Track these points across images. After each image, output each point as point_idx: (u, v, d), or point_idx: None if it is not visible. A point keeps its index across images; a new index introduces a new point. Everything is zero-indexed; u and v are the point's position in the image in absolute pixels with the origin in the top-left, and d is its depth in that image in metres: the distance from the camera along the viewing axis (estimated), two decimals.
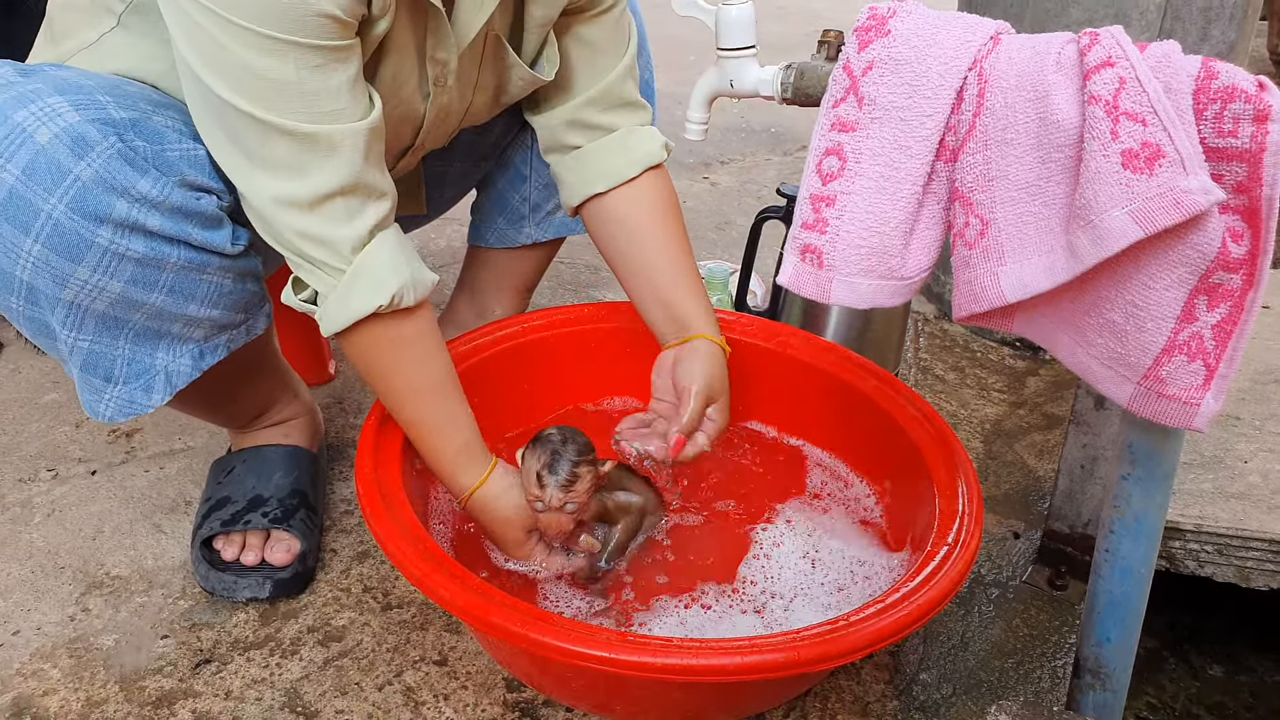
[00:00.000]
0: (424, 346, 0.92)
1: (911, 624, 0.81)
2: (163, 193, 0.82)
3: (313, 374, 1.40)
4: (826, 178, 0.74)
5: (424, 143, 1.02)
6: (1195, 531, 1.08)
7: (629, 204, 1.06)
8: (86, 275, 0.82)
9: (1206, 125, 0.61)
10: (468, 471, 0.95)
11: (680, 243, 1.07)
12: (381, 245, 0.87)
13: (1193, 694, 1.24)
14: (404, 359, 0.91)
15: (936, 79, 0.71)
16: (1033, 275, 0.69)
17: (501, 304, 1.34)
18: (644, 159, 1.06)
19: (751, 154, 2.34)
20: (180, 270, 0.86)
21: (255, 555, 1.06)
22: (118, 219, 0.81)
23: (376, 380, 0.93)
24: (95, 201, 0.80)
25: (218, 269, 0.89)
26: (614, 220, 1.07)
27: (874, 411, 1.09)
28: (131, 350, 0.90)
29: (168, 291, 0.87)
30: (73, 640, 1.00)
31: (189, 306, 0.89)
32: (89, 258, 0.82)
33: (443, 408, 0.94)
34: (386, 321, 0.89)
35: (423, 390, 0.93)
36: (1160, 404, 0.68)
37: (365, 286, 0.86)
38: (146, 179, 0.82)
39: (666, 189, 1.08)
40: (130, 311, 0.87)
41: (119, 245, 0.82)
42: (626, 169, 1.05)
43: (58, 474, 1.23)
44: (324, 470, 1.21)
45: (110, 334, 0.89)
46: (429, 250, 1.84)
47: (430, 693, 0.95)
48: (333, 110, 0.80)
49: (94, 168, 0.80)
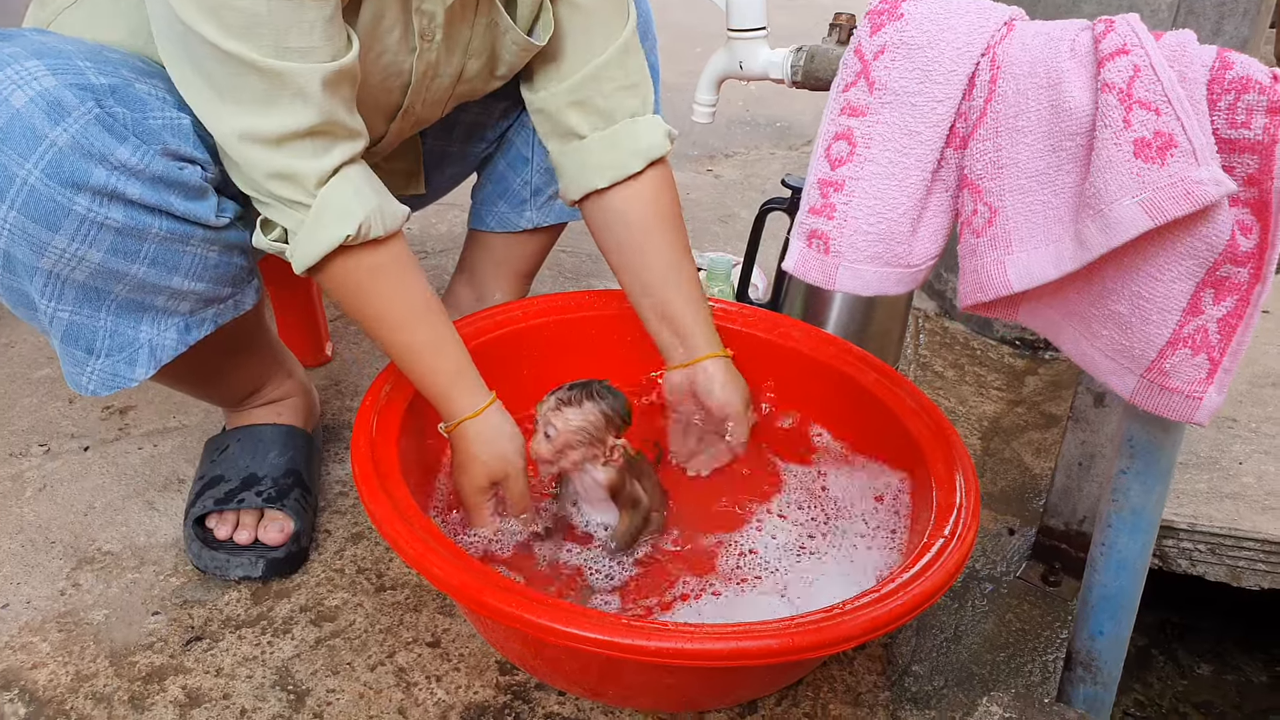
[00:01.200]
0: (400, 273, 0.92)
1: (906, 614, 0.81)
2: (143, 161, 0.81)
3: (309, 355, 1.39)
4: (835, 162, 0.74)
5: (414, 106, 1.00)
6: (1189, 530, 1.09)
7: (630, 202, 1.05)
8: (64, 244, 0.81)
9: (1219, 116, 0.61)
10: (466, 397, 0.95)
11: (680, 247, 1.07)
12: (346, 178, 0.86)
13: (1180, 692, 1.25)
14: (382, 287, 0.91)
15: (949, 64, 0.70)
16: (1040, 264, 0.68)
17: (501, 289, 1.33)
18: (647, 151, 1.05)
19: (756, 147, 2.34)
20: (162, 241, 0.85)
21: (248, 534, 1.05)
22: (96, 186, 0.80)
23: (359, 312, 0.93)
24: (72, 168, 0.78)
25: (202, 241, 0.88)
26: (614, 218, 1.06)
27: (873, 404, 1.09)
28: (114, 322, 0.89)
29: (150, 263, 0.85)
30: (63, 614, 0.99)
31: (173, 279, 0.88)
32: (66, 226, 0.80)
33: (431, 332, 0.94)
34: (358, 253, 0.88)
35: (408, 315, 0.93)
36: (1163, 397, 0.68)
37: (331, 218, 0.86)
38: (126, 146, 0.80)
39: (668, 187, 1.08)
40: (111, 282, 0.86)
41: (97, 214, 0.81)
42: (629, 162, 1.04)
43: (50, 449, 1.22)
44: (319, 450, 1.20)
45: (91, 305, 0.87)
46: (429, 235, 1.83)
47: (422, 674, 0.95)
48: (302, 47, 0.79)
49: (70, 133, 0.78)
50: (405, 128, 1.04)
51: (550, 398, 0.96)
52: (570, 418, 0.94)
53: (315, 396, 1.21)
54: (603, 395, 0.96)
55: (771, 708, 0.94)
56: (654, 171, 1.06)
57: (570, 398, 0.95)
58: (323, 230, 0.86)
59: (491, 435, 0.95)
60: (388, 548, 1.10)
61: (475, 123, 1.22)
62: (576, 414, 0.94)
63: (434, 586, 1.02)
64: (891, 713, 0.95)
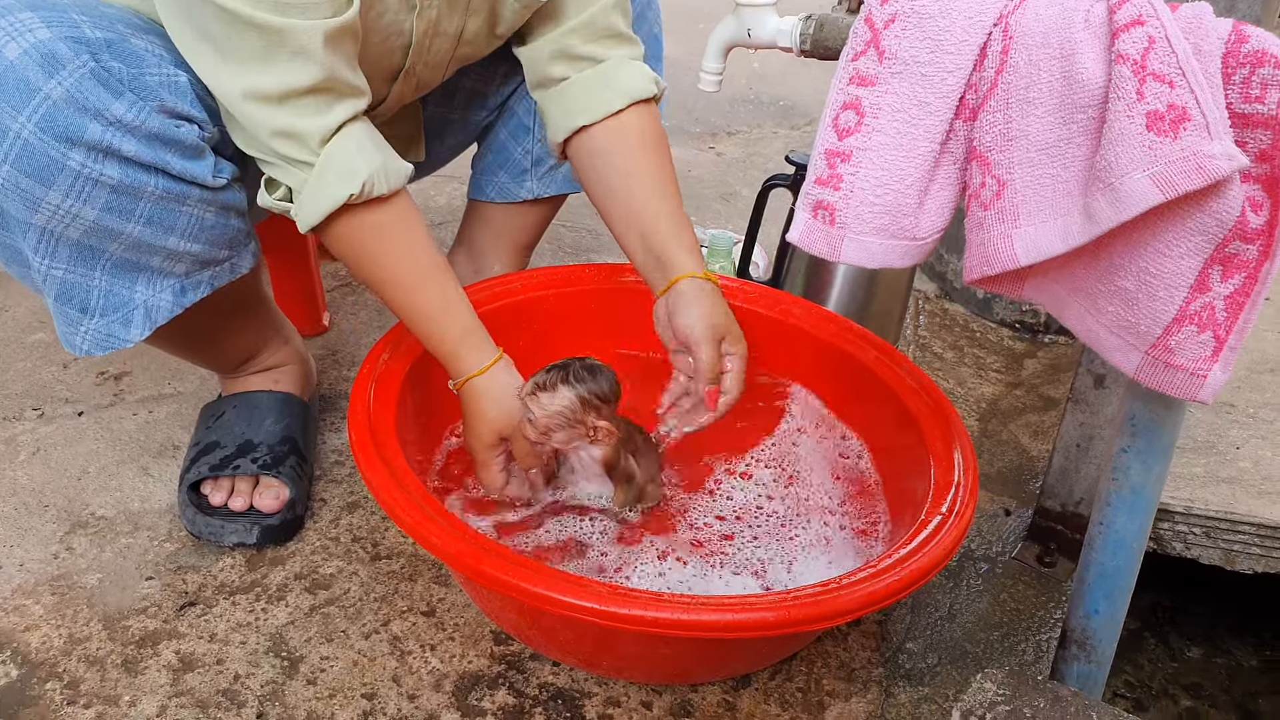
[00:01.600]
0: (406, 231, 0.91)
1: (903, 589, 0.81)
2: (139, 117, 0.80)
3: (306, 325, 1.39)
4: (843, 132, 0.73)
5: (415, 67, 0.99)
6: (1184, 513, 1.09)
7: (612, 138, 1.02)
8: (58, 200, 0.80)
9: (1234, 90, 0.61)
10: (474, 355, 0.94)
11: (663, 178, 1.03)
12: (349, 135, 0.86)
13: (1170, 674, 1.25)
14: (388, 245, 0.90)
15: (960, 34, 0.69)
16: (1047, 238, 0.68)
17: (500, 260, 1.32)
18: (630, 92, 1.02)
19: (759, 126, 2.33)
20: (158, 200, 0.84)
21: (243, 501, 1.05)
22: (90, 142, 0.79)
23: (365, 270, 0.92)
24: (66, 122, 0.78)
25: (198, 201, 0.87)
26: (596, 155, 1.03)
27: (873, 381, 1.09)
28: (109, 282, 0.88)
29: (145, 222, 0.84)
30: (56, 578, 0.99)
31: (168, 239, 0.87)
32: (60, 181, 0.79)
33: (439, 290, 0.93)
34: (362, 211, 0.88)
35: (415, 273, 0.92)
36: (1167, 374, 0.68)
37: (335, 176, 0.85)
38: (121, 102, 0.79)
39: (653, 124, 1.04)
40: (106, 241, 0.85)
41: (92, 170, 0.80)
42: (612, 100, 1.02)
43: (44, 414, 1.22)
44: (315, 419, 1.19)
45: (86, 264, 0.86)
46: (428, 208, 1.82)
47: (417, 643, 0.95)
48: (302, 3, 0.79)
49: (65, 86, 0.77)
50: (407, 91, 1.03)
51: (529, 382, 0.94)
52: (545, 403, 0.93)
53: (312, 365, 1.20)
54: (579, 378, 0.93)
55: (765, 682, 0.94)
56: (638, 109, 1.03)
57: (544, 382, 0.93)
58: (326, 189, 0.85)
59: (499, 392, 0.94)
60: (383, 517, 1.09)
61: (476, 90, 1.21)
62: (550, 399, 0.93)
63: (430, 554, 1.03)
64: (885, 689, 0.95)
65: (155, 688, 0.88)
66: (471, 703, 0.89)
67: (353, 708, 0.88)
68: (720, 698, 0.92)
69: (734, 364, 0.99)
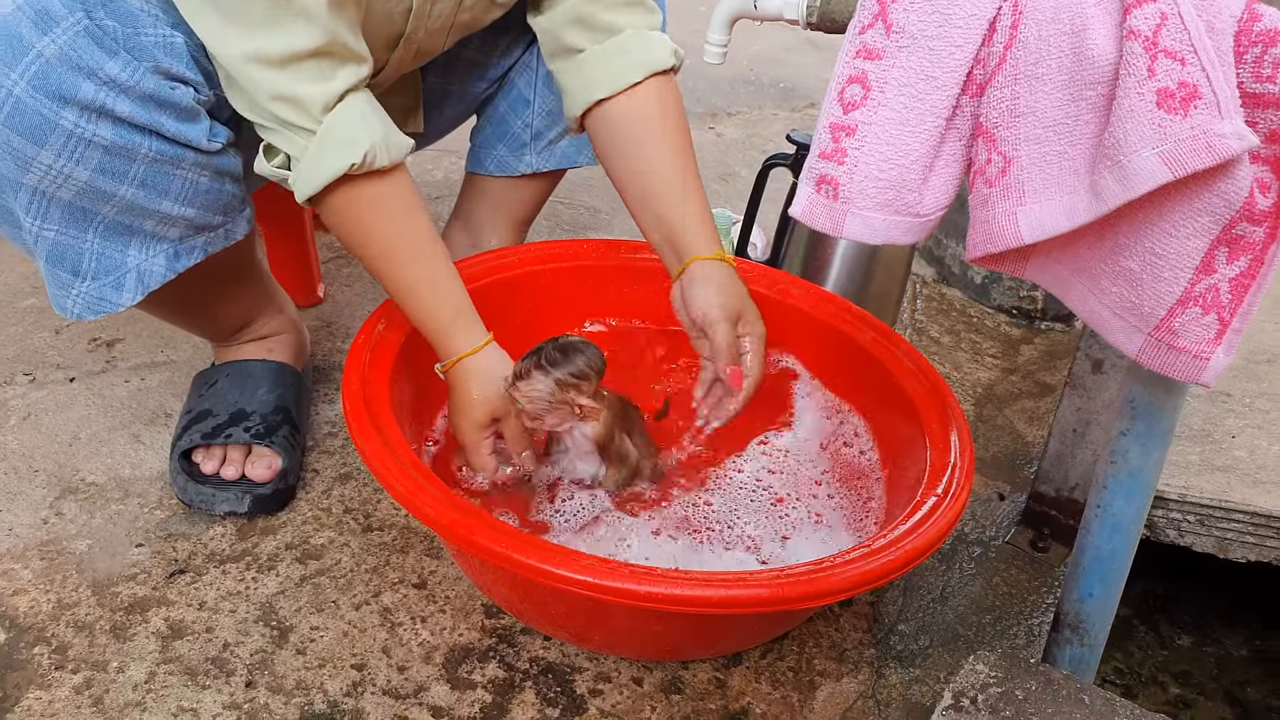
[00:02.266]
0: (404, 206, 0.90)
1: (897, 569, 0.81)
2: (133, 77, 0.79)
3: (301, 296, 1.38)
4: (848, 106, 0.72)
5: (416, 33, 0.98)
6: (1179, 501, 1.09)
7: (630, 112, 1.01)
8: (50, 160, 0.79)
9: (1245, 69, 0.60)
10: (463, 335, 0.93)
11: (682, 154, 1.01)
12: (352, 105, 0.85)
13: (1160, 662, 1.26)
14: (384, 219, 0.89)
15: (969, 8, 0.68)
16: (1052, 216, 0.67)
17: (498, 234, 1.31)
18: (649, 64, 1.00)
19: (759, 107, 2.31)
20: (152, 162, 0.83)
21: (235, 470, 1.04)
22: (83, 101, 0.78)
23: (359, 244, 0.91)
24: (59, 80, 0.77)
25: (193, 164, 0.86)
26: (615, 129, 1.02)
27: (870, 363, 1.08)
28: (101, 245, 0.87)
29: (139, 184, 0.84)
30: (45, 543, 0.98)
31: (162, 203, 0.86)
32: (53, 141, 0.78)
33: (432, 267, 0.92)
34: (361, 183, 0.87)
35: (410, 250, 0.91)
36: (1170, 356, 0.67)
37: (336, 145, 0.84)
38: (116, 61, 0.78)
39: (672, 97, 1.03)
40: (99, 203, 0.84)
41: (85, 130, 0.79)
42: (630, 73, 1.00)
43: (35, 379, 1.21)
44: (308, 389, 1.19)
45: (78, 226, 0.85)
46: (426, 182, 1.80)
47: (407, 614, 0.95)
48: None
49: (58, 44, 0.76)
50: (406, 58, 1.02)
51: (510, 372, 0.92)
52: (525, 390, 0.91)
53: (306, 335, 1.19)
54: (552, 361, 0.91)
55: (756, 660, 0.94)
56: (657, 81, 1.02)
57: (521, 370, 0.92)
58: (327, 158, 0.84)
59: (493, 372, 0.93)
60: (376, 489, 1.09)
61: (476, 61, 1.19)
62: (529, 386, 0.91)
63: (422, 526, 1.02)
64: (876, 670, 0.95)
65: (144, 654, 0.88)
66: (462, 675, 0.89)
67: (342, 678, 0.88)
68: (711, 675, 0.92)
69: (752, 344, 0.98)
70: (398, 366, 0.96)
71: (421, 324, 0.94)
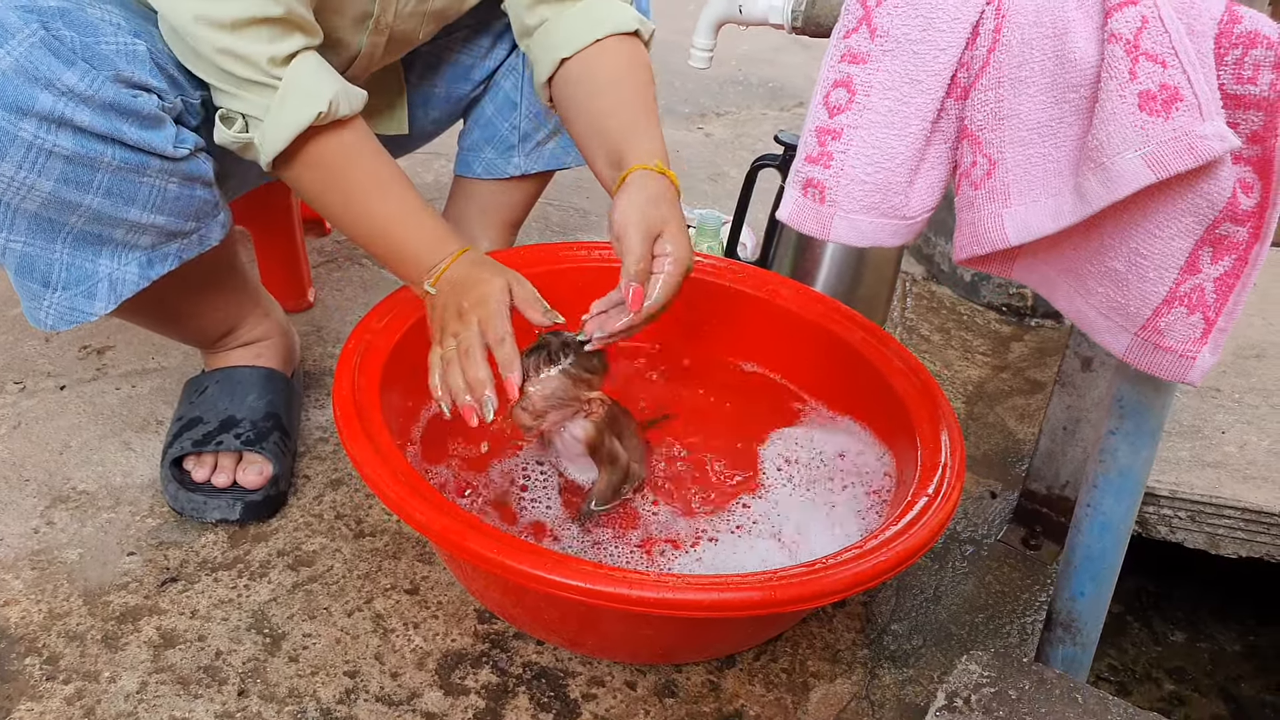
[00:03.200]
0: (372, 146, 0.92)
1: (889, 570, 0.81)
2: (92, 87, 0.79)
3: (291, 300, 1.37)
4: (834, 110, 0.72)
5: (385, 14, 0.98)
6: (1170, 497, 1.09)
7: (590, 64, 0.99)
8: (12, 172, 0.79)
9: (1226, 71, 0.60)
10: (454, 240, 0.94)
11: (639, 93, 0.97)
12: (307, 59, 0.86)
13: (1153, 658, 1.26)
14: (357, 162, 0.91)
15: (953, 12, 0.69)
16: (1038, 218, 0.67)
17: (488, 237, 1.31)
18: (611, 24, 0.99)
19: (748, 107, 2.31)
20: (116, 171, 0.83)
21: (226, 477, 1.04)
22: (42, 112, 0.78)
23: (334, 193, 0.92)
24: (15, 92, 0.77)
25: (159, 171, 0.86)
26: (576, 83, 1.00)
27: (860, 362, 1.08)
28: (71, 255, 0.87)
29: (104, 193, 0.84)
30: (36, 552, 0.98)
31: (129, 210, 0.86)
32: (13, 153, 0.79)
33: (413, 195, 0.94)
34: (327, 133, 0.88)
35: (386, 184, 0.92)
36: (1156, 356, 0.68)
37: (299, 99, 0.85)
38: (74, 71, 0.78)
39: (636, 51, 1.01)
40: (65, 213, 0.84)
41: (45, 141, 0.79)
42: (591, 31, 0.99)
43: (25, 387, 1.20)
44: (298, 394, 1.19)
45: (45, 236, 0.85)
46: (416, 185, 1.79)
47: (400, 620, 0.95)
48: None
49: (14, 56, 0.76)
50: (379, 43, 1.01)
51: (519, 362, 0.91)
52: (537, 387, 0.90)
53: (295, 339, 1.19)
54: (565, 354, 0.90)
55: (750, 662, 0.94)
56: (620, 39, 1.00)
57: (530, 366, 0.89)
58: (291, 111, 0.85)
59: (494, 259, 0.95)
60: (367, 494, 1.09)
61: (460, 62, 1.19)
62: (542, 383, 0.90)
63: (413, 532, 1.02)
64: (870, 670, 0.96)
65: (136, 664, 0.88)
66: (455, 681, 0.89)
67: (335, 685, 0.88)
68: (705, 678, 0.92)
69: (667, 265, 0.87)
70: (388, 371, 0.96)
71: (409, 245, 0.94)
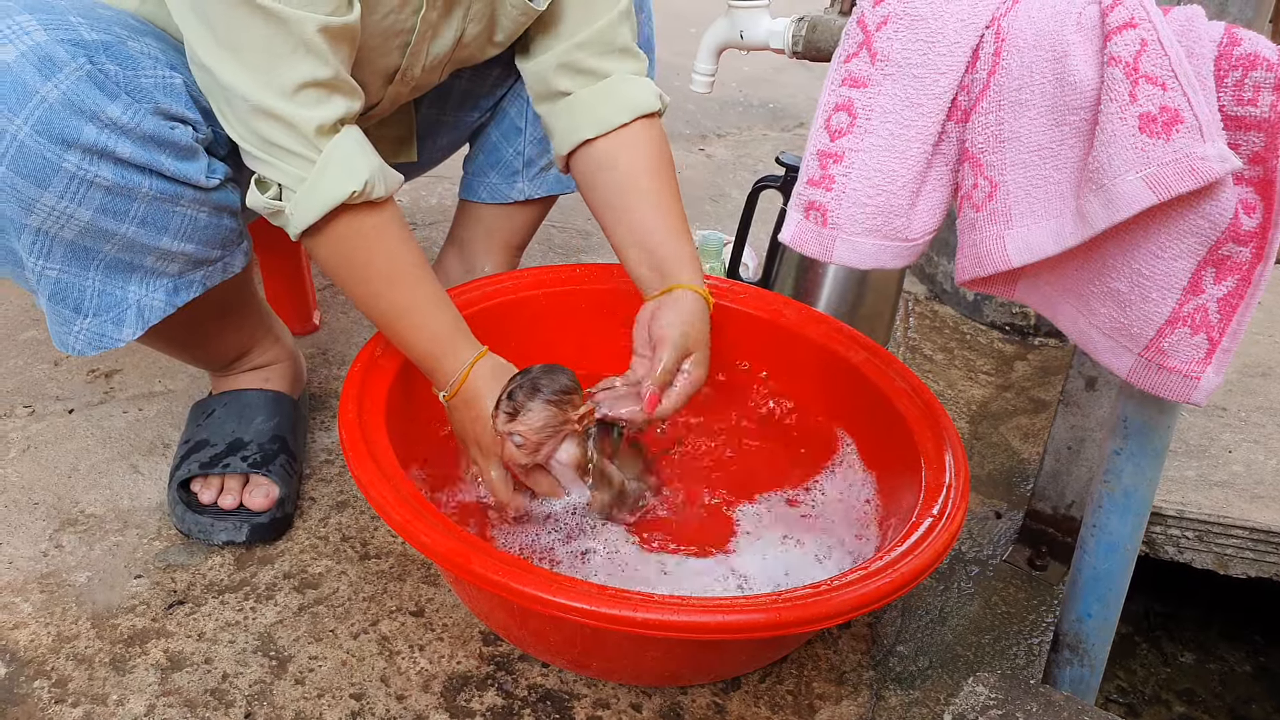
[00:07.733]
0: (400, 233, 0.91)
1: (894, 592, 0.80)
2: (134, 119, 0.81)
3: (297, 324, 1.38)
4: (835, 134, 0.73)
5: (412, 68, 0.99)
6: (1177, 517, 1.09)
7: (617, 151, 1.02)
8: (54, 201, 0.81)
9: (1226, 92, 0.61)
10: (466, 347, 0.93)
11: (669, 191, 1.03)
12: (350, 134, 0.86)
13: (1163, 680, 1.25)
14: (381, 247, 0.90)
15: (953, 36, 0.69)
16: (1040, 239, 0.68)
17: (491, 260, 1.32)
18: (636, 106, 1.02)
19: (749, 128, 2.33)
20: (152, 201, 0.84)
21: (233, 499, 1.04)
22: (86, 144, 0.79)
23: (354, 272, 0.91)
24: (62, 124, 0.78)
25: (191, 201, 0.87)
26: (602, 167, 1.03)
27: (863, 383, 1.09)
28: (102, 282, 0.88)
29: (139, 222, 0.85)
30: (45, 575, 0.98)
31: (162, 239, 0.87)
32: (56, 183, 0.80)
33: (432, 289, 0.93)
34: (359, 212, 0.88)
35: (405, 274, 0.91)
36: (1160, 376, 0.68)
37: (337, 173, 0.85)
38: (117, 104, 0.80)
39: (659, 139, 1.05)
40: (100, 241, 0.85)
41: (87, 171, 0.80)
42: (616, 115, 1.02)
43: (34, 411, 1.21)
44: (305, 417, 1.19)
45: (80, 264, 0.87)
46: (420, 208, 1.81)
47: (405, 643, 0.94)
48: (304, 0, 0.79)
49: (61, 89, 0.78)
50: (402, 92, 1.03)
51: (500, 414, 0.91)
52: (528, 422, 0.91)
53: (302, 363, 1.20)
54: (541, 385, 0.91)
55: (755, 684, 0.94)
56: (643, 124, 1.03)
57: (514, 408, 0.91)
58: (327, 186, 0.85)
59: (503, 370, 0.93)
60: (373, 516, 1.09)
61: (469, 91, 1.21)
62: (530, 418, 0.90)
63: (418, 554, 1.02)
64: (875, 692, 0.95)
65: (143, 687, 0.88)
66: (460, 703, 0.89)
67: (341, 708, 0.88)
68: (710, 700, 0.92)
69: (684, 382, 0.96)
70: (394, 394, 0.97)
71: (422, 344, 0.93)
